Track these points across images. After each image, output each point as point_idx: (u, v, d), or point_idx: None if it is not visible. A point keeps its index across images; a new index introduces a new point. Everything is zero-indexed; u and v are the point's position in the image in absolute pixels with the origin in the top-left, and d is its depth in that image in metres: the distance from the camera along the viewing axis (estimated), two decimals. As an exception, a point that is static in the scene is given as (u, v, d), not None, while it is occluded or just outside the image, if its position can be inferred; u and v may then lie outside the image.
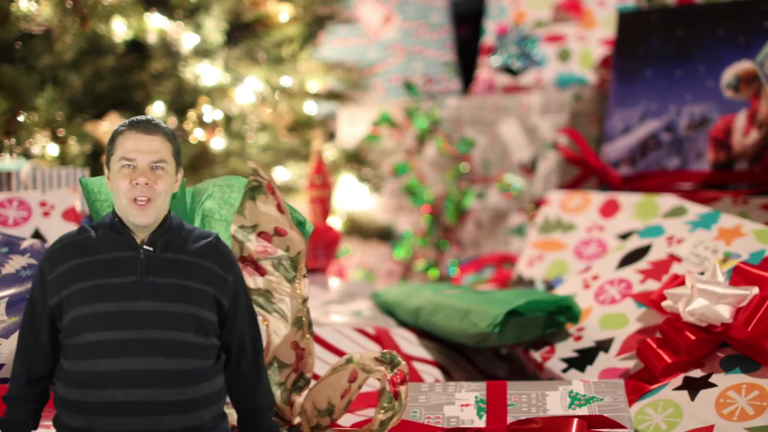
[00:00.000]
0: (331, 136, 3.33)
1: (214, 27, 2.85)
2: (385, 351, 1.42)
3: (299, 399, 1.43)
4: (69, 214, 2.31)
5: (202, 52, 2.85)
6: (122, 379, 1.17)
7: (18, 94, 2.50)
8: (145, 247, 1.24)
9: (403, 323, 2.23)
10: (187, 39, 2.86)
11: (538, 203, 2.79)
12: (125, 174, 1.23)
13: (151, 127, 1.25)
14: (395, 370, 1.40)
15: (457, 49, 3.41)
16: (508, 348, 2.19)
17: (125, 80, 2.94)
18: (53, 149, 2.63)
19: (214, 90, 2.92)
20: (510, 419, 1.62)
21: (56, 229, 2.23)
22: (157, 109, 2.90)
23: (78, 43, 2.72)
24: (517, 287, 2.42)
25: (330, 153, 3.10)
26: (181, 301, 1.21)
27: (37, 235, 2.14)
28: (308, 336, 1.40)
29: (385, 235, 3.16)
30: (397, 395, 1.40)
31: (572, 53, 3.11)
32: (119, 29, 2.81)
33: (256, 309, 1.40)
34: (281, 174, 3.04)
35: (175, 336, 1.20)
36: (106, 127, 2.71)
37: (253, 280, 1.41)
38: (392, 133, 3.20)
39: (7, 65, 2.56)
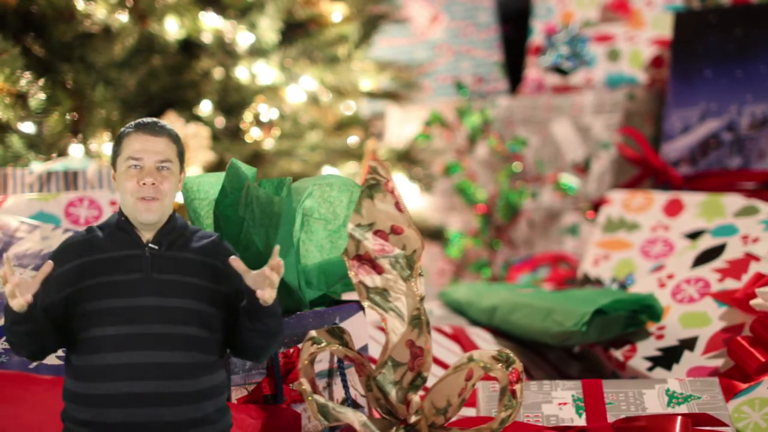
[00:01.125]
0: (379, 135, 3.33)
1: (268, 26, 2.84)
2: (500, 350, 1.42)
3: (416, 398, 1.43)
4: (139, 213, 2.31)
5: (258, 51, 2.85)
6: (127, 372, 1.20)
7: (80, 94, 2.49)
8: (150, 245, 1.27)
9: (475, 322, 2.23)
10: (242, 38, 2.85)
11: (595, 203, 2.79)
12: (132, 174, 1.26)
13: (156, 129, 1.28)
14: (510, 369, 1.41)
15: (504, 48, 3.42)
16: (581, 347, 2.19)
17: (177, 79, 2.94)
18: (108, 148, 2.63)
19: (264, 89, 2.92)
20: (610, 418, 1.62)
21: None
22: (205, 108, 2.89)
23: (134, 43, 2.72)
24: (584, 286, 2.42)
25: (380, 152, 3.10)
26: (184, 297, 1.24)
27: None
28: (426, 334, 1.40)
29: (436, 234, 3.16)
30: (514, 393, 1.40)
31: (621, 53, 3.11)
32: (172, 28, 2.80)
33: (374, 307, 1.40)
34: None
35: (179, 330, 1.23)
36: (177, 125, 2.70)
37: (370, 279, 1.41)
38: (442, 132, 3.20)
39: (67, 64, 2.56)
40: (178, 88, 2.94)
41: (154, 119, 1.31)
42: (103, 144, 2.57)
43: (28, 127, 2.45)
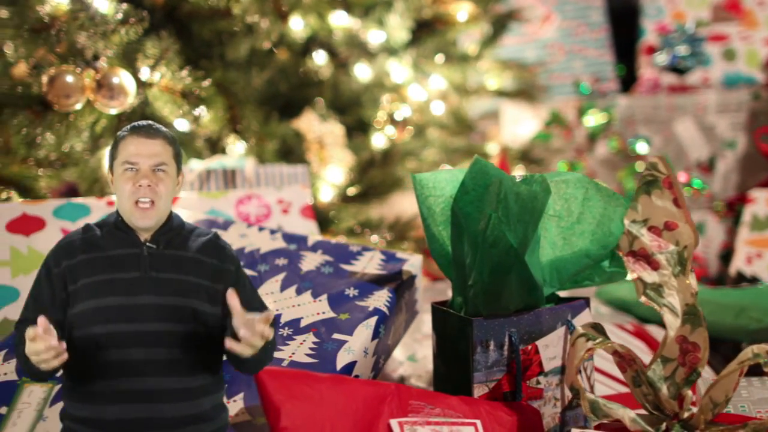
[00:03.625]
0: (490, 135, 3.33)
1: (398, 24, 2.84)
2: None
3: (689, 393, 1.43)
4: (306, 211, 2.30)
5: (388, 49, 2.85)
6: (125, 368, 1.21)
7: (230, 92, 2.49)
8: (148, 244, 1.27)
9: (644, 319, 2.23)
10: (373, 36, 2.86)
11: (730, 201, 2.80)
12: (128, 177, 1.26)
13: (152, 132, 1.28)
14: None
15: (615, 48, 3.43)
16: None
17: (301, 78, 2.94)
18: (240, 146, 2.63)
19: (394, 88, 2.92)
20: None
21: (296, 225, 2.22)
22: (321, 107, 2.89)
23: (273, 40, 2.72)
24: (740, 285, 2.42)
25: (495, 151, 3.10)
26: (182, 295, 1.24)
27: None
28: (701, 330, 1.40)
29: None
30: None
31: (737, 52, 3.12)
32: (298, 26, 2.80)
33: (650, 303, 1.41)
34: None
35: (176, 328, 1.23)
36: (305, 123, 2.70)
37: (647, 274, 1.41)
38: (560, 131, 3.21)
39: (206, 61, 2.55)
40: (302, 87, 2.95)
41: (150, 122, 1.30)
42: (237, 142, 2.56)
43: (182, 125, 2.44)
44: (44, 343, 1.13)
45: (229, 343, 1.18)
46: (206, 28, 2.51)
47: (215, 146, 2.61)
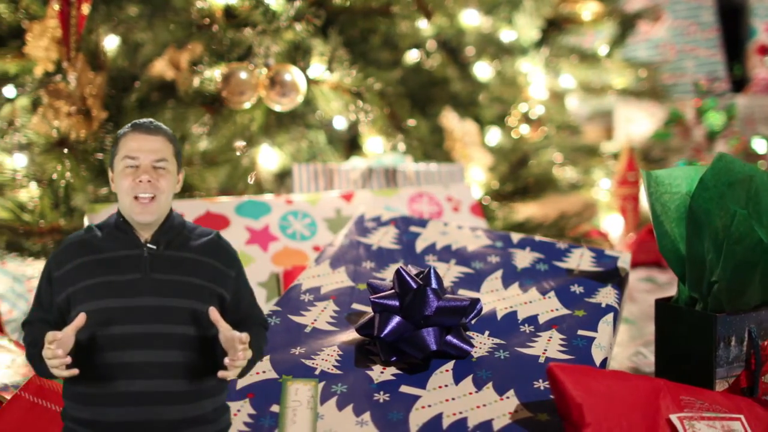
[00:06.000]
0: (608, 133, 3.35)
1: (528, 23, 2.85)
2: None
3: None
4: (476, 209, 2.31)
5: (518, 48, 2.85)
6: (126, 371, 1.21)
7: (386, 93, 2.48)
8: (148, 245, 1.27)
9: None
10: (504, 35, 2.86)
11: None
12: (128, 173, 1.26)
13: (152, 128, 1.28)
14: None
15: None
16: None
17: (430, 77, 2.94)
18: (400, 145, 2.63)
19: (520, 87, 2.92)
20: None
21: (467, 223, 2.22)
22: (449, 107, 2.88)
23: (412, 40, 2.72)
24: None
25: (611, 151, 3.11)
26: (183, 296, 1.24)
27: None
28: None
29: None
30: None
31: None
32: (424, 24, 2.79)
33: None
34: (569, 172, 3.04)
35: (177, 330, 1.23)
36: (447, 122, 2.71)
37: None
38: (678, 130, 3.22)
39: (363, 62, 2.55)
40: (428, 85, 2.95)
41: (150, 119, 1.30)
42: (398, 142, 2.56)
43: (342, 123, 2.44)
44: (58, 360, 1.16)
45: (221, 374, 1.20)
46: (359, 26, 2.51)
47: (357, 145, 2.61)
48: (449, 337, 1.52)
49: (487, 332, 1.61)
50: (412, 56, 2.77)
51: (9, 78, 2.39)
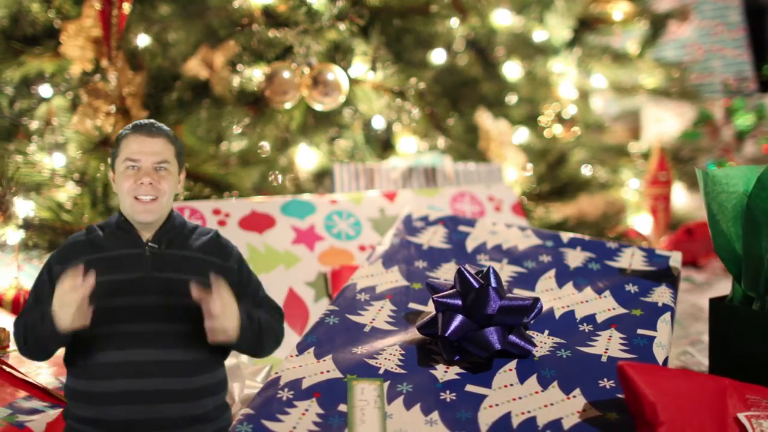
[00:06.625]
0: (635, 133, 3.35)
1: (558, 23, 2.85)
2: None
3: None
4: (517, 208, 2.31)
5: (550, 48, 2.86)
6: (128, 369, 1.22)
7: (424, 93, 2.48)
8: (150, 244, 1.28)
9: None
10: (536, 35, 2.86)
11: None
12: (130, 174, 1.28)
13: (153, 130, 1.30)
14: None
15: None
16: None
17: (462, 76, 2.94)
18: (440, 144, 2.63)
19: (552, 87, 2.92)
20: None
21: (509, 222, 2.23)
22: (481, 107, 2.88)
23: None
24: None
25: (639, 150, 3.12)
26: (185, 294, 1.24)
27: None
28: None
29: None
30: None
31: None
32: (454, 24, 2.80)
33: None
34: (599, 172, 3.05)
35: (179, 328, 1.24)
36: (487, 121, 2.70)
37: None
38: (707, 130, 3.22)
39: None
40: (462, 85, 2.95)
41: (151, 121, 1.32)
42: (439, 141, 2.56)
43: (380, 122, 2.44)
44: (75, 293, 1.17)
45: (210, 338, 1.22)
46: (395, 26, 2.51)
47: (390, 145, 2.61)
48: (511, 336, 1.52)
49: (546, 331, 1.61)
50: (441, 56, 2.76)
51: (45, 77, 2.40)
